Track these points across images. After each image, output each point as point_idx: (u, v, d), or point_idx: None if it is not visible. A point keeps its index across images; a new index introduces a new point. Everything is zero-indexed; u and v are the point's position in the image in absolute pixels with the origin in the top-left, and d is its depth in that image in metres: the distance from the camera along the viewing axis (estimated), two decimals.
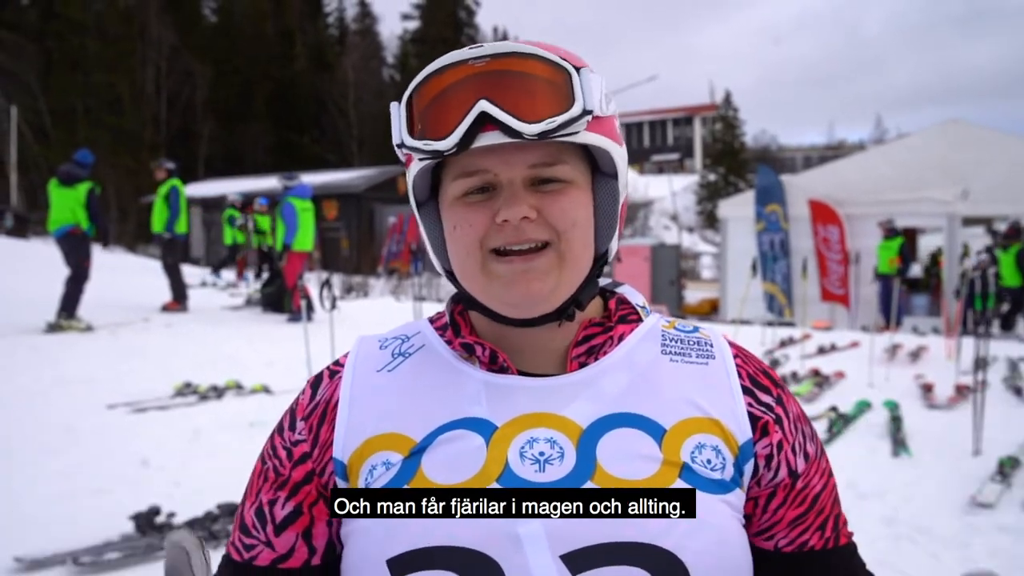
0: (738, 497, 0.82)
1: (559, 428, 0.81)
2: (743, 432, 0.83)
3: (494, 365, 0.87)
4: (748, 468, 0.83)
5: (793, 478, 0.86)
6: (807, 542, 0.86)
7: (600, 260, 0.87)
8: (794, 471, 0.86)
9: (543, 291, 0.82)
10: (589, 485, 0.77)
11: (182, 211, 10.14)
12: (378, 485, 0.80)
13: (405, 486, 0.79)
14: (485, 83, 0.77)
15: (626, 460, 0.78)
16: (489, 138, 0.77)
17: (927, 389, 6.95)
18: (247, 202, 15.55)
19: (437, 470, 0.79)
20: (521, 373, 0.86)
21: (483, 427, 0.81)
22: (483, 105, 0.76)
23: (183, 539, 0.67)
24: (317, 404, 0.89)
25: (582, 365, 0.87)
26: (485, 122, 0.76)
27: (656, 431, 0.81)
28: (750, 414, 0.85)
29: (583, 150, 0.84)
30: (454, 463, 0.79)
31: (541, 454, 0.79)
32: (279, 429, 0.91)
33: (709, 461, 0.80)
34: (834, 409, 5.97)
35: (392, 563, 0.76)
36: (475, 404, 0.83)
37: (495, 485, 0.77)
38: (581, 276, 0.85)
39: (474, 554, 0.74)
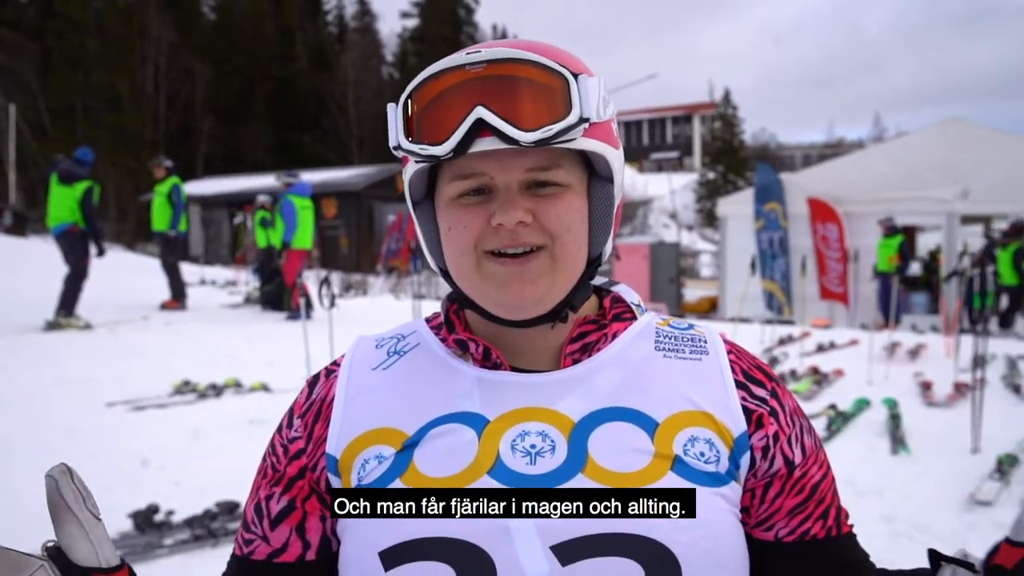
0: (733, 490, 0.82)
1: (551, 422, 0.81)
2: (737, 425, 0.84)
3: (487, 362, 0.87)
4: (744, 461, 0.84)
5: (790, 468, 0.86)
6: (809, 531, 0.86)
7: (594, 263, 0.88)
8: (791, 461, 0.86)
9: (536, 294, 0.82)
10: (580, 477, 0.77)
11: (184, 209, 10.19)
12: (371, 479, 0.81)
13: (397, 479, 0.80)
14: (482, 89, 0.77)
15: (618, 453, 0.79)
16: (485, 144, 0.77)
17: (926, 387, 6.95)
18: (276, 202, 15.50)
19: (429, 463, 0.80)
20: (515, 370, 0.87)
21: (475, 421, 0.82)
22: (480, 112, 0.76)
23: (52, 470, 0.69)
24: (313, 402, 0.91)
25: (576, 362, 0.87)
26: (482, 128, 0.76)
27: (648, 424, 0.81)
28: (744, 407, 0.85)
29: (580, 154, 0.85)
30: (446, 456, 0.80)
31: (532, 447, 0.80)
32: (279, 428, 0.93)
33: (702, 454, 0.81)
34: (833, 407, 5.98)
35: (384, 555, 0.77)
36: (468, 399, 0.84)
37: (486, 477, 0.78)
38: (574, 279, 0.86)
39: (464, 545, 0.75)
